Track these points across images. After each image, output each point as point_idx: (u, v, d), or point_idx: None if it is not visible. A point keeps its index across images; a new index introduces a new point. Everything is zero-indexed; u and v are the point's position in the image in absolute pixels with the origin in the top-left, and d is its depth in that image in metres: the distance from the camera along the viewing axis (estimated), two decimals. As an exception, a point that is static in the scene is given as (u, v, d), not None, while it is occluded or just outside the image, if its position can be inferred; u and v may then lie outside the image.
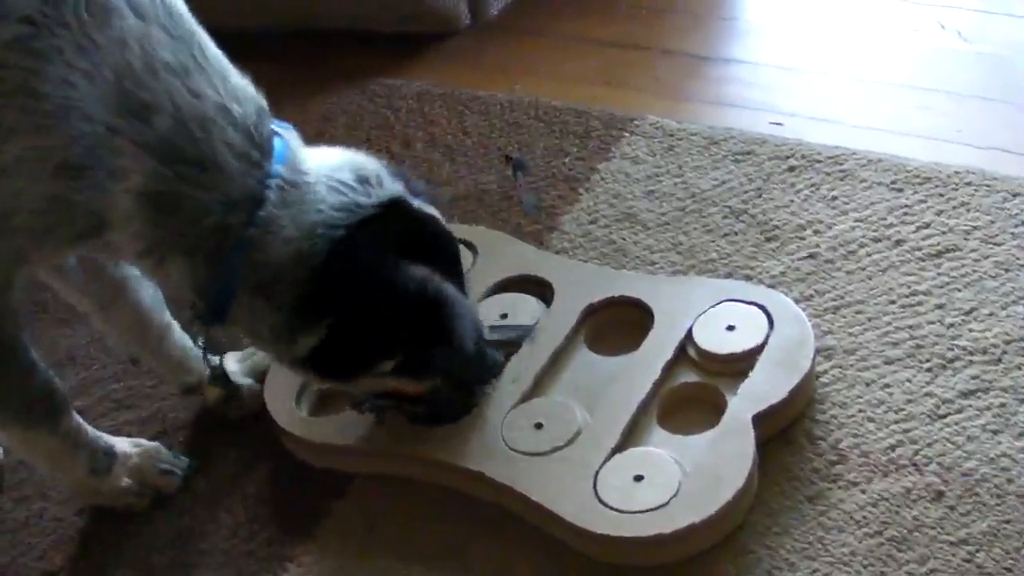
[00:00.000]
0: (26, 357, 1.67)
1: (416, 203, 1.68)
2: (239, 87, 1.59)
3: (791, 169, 2.17)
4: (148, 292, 1.85)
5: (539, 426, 1.75)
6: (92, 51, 1.46)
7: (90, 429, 1.78)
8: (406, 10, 2.64)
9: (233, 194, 1.56)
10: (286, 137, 1.63)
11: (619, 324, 1.89)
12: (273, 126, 1.63)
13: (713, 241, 2.07)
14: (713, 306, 1.84)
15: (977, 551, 1.60)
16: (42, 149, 1.47)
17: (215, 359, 1.90)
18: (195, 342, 1.88)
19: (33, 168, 1.47)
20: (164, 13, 1.52)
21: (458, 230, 2.01)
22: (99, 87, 1.47)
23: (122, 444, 1.82)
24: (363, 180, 1.64)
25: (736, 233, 2.07)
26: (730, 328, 1.81)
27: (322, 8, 2.67)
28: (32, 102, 1.45)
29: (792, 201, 2.11)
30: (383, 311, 1.62)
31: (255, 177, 1.57)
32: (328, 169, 1.63)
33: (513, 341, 1.85)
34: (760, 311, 1.83)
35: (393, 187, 1.66)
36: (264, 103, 1.62)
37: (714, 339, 1.80)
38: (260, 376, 1.92)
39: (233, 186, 1.56)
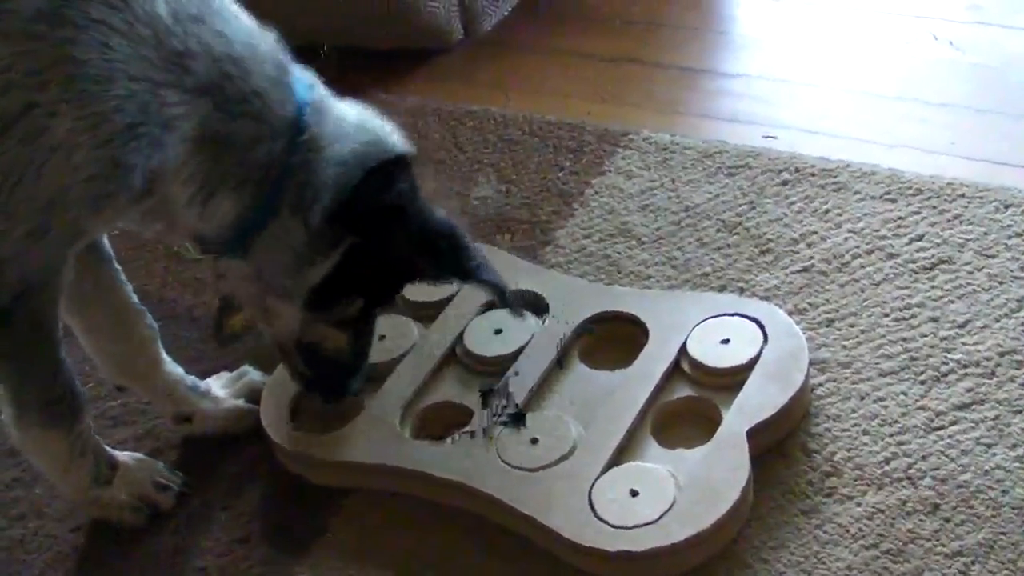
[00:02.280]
0: (57, 352, 1.67)
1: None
2: (252, 26, 1.63)
3: (784, 182, 2.18)
4: (144, 323, 1.85)
5: (534, 441, 1.76)
6: (124, 9, 1.47)
7: (96, 438, 1.79)
8: (399, 26, 2.65)
9: (275, 123, 1.61)
10: (300, 71, 1.68)
11: (613, 339, 1.89)
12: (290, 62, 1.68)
13: (707, 255, 2.07)
14: (707, 320, 1.85)
15: (972, 563, 1.60)
16: (93, 117, 1.47)
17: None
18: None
19: (87, 138, 1.47)
20: None
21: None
22: (137, 45, 1.48)
23: (122, 457, 1.83)
24: (385, 129, 1.72)
25: (730, 247, 2.08)
26: (724, 342, 1.81)
27: (316, 24, 2.67)
28: (75, 69, 1.45)
29: (786, 214, 2.12)
30: (411, 240, 1.68)
31: (291, 105, 1.63)
32: (355, 112, 1.71)
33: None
34: (754, 324, 1.83)
35: (407, 146, 1.73)
36: (276, 37, 1.67)
37: (708, 353, 1.80)
38: (253, 396, 1.92)
39: (273, 116, 1.61)
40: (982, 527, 1.63)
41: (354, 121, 1.70)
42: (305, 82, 1.67)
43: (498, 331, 1.92)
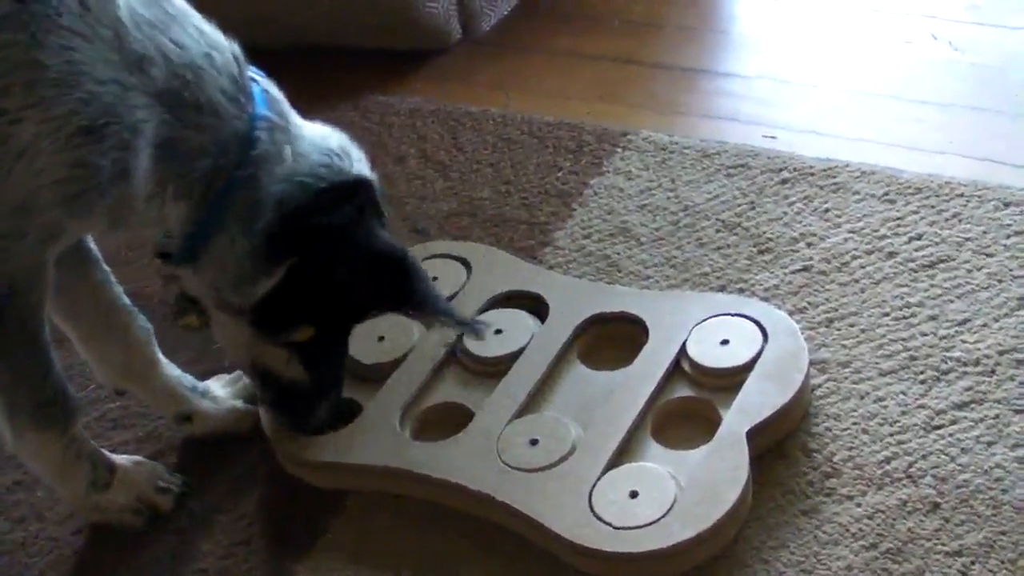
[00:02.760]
0: (46, 354, 1.67)
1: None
2: (214, 35, 1.63)
3: (784, 182, 2.18)
4: (137, 324, 1.85)
5: (534, 442, 1.76)
6: (84, 13, 1.48)
7: (92, 443, 1.78)
8: (398, 27, 2.65)
9: (225, 135, 1.61)
10: (264, 84, 1.69)
11: (613, 339, 1.89)
12: (250, 72, 1.68)
13: (706, 255, 2.07)
14: (707, 320, 1.85)
15: (973, 563, 1.60)
16: (57, 119, 1.47)
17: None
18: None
19: (52, 141, 1.48)
20: None
21: (452, 246, 2.03)
22: (99, 47, 1.49)
23: (121, 460, 1.82)
24: (346, 151, 1.72)
25: (729, 246, 2.08)
26: (724, 342, 1.81)
27: (314, 25, 2.67)
28: (37, 74, 1.45)
29: (785, 214, 2.12)
30: (353, 263, 1.68)
31: (243, 119, 1.63)
32: (315, 132, 1.72)
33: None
34: (754, 325, 1.83)
35: (369, 171, 1.74)
36: (239, 50, 1.66)
37: (708, 353, 1.81)
38: (253, 398, 1.91)
39: (226, 128, 1.61)
40: (982, 526, 1.63)
41: (314, 141, 1.70)
42: (267, 98, 1.67)
43: (498, 332, 1.92)
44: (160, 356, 1.88)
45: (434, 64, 2.68)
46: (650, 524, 1.63)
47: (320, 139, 1.71)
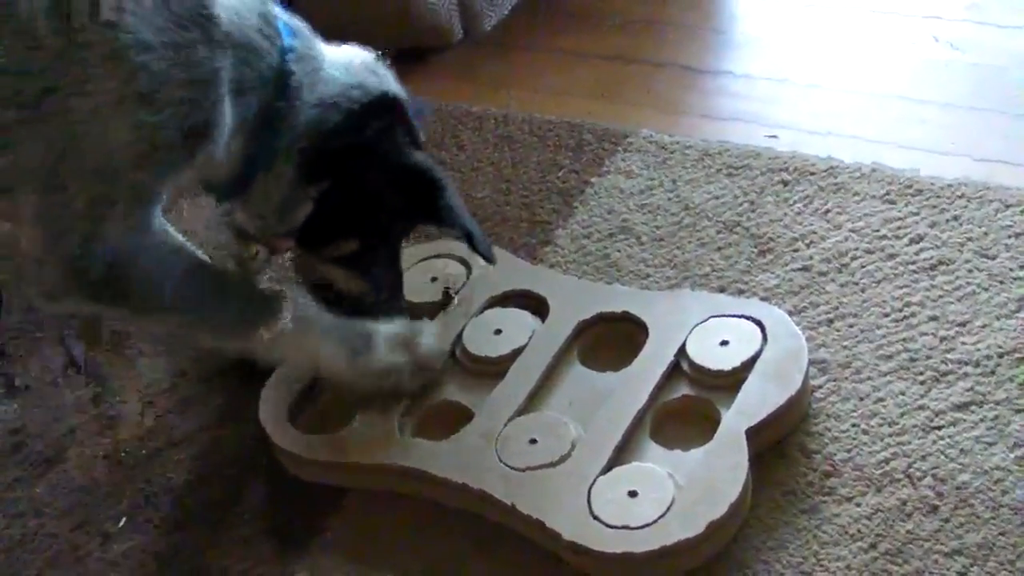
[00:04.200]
0: (205, 278, 1.69)
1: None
2: None
3: (784, 182, 2.18)
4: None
5: (533, 441, 1.76)
6: None
7: (327, 316, 1.79)
8: (399, 25, 2.65)
9: (264, 71, 1.69)
10: (287, 18, 1.75)
11: (613, 339, 1.89)
12: (276, 9, 1.75)
13: (707, 255, 2.07)
14: (707, 320, 1.85)
15: (972, 564, 1.60)
16: (109, 92, 1.54)
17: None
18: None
19: (111, 109, 1.54)
20: None
21: (452, 246, 2.03)
22: (143, 16, 1.54)
23: (372, 325, 1.83)
24: (374, 70, 1.80)
25: (730, 247, 2.08)
26: (724, 342, 1.81)
27: (315, 24, 2.66)
28: (84, 53, 1.52)
29: (785, 214, 2.12)
30: (385, 179, 1.76)
31: (275, 54, 1.70)
32: (342, 54, 1.80)
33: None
34: (754, 325, 1.83)
35: (398, 88, 1.82)
36: None
37: (708, 353, 1.80)
38: None
39: (264, 63, 1.69)
40: (981, 527, 1.63)
41: (341, 64, 1.78)
42: (291, 29, 1.74)
43: (497, 331, 1.92)
44: None
45: (435, 63, 2.68)
46: (649, 524, 1.63)
47: (347, 61, 1.78)
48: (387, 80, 1.82)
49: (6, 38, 1.50)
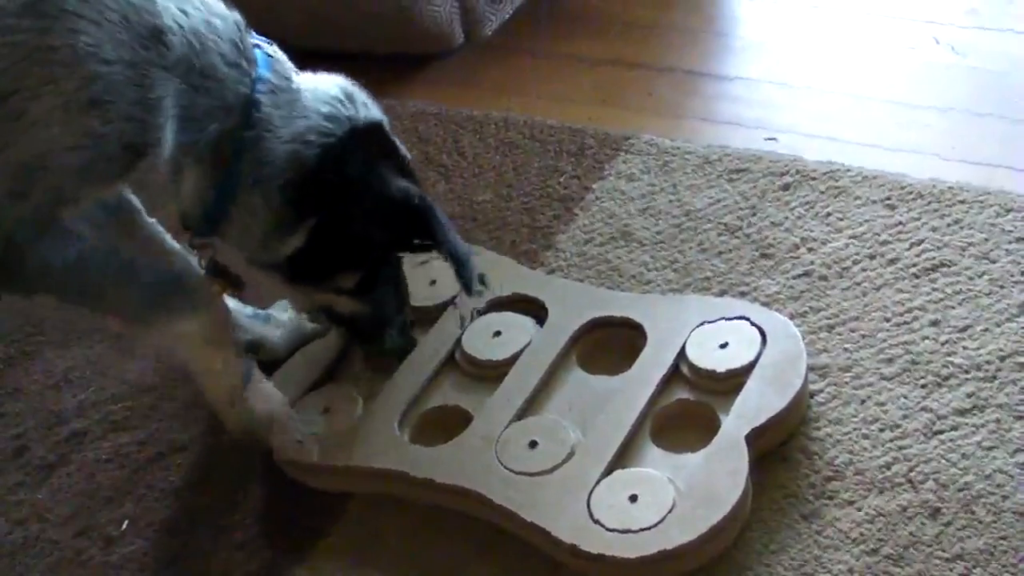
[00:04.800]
0: (112, 259, 1.70)
1: (392, 135, 1.83)
2: (215, 4, 1.70)
3: (785, 187, 2.18)
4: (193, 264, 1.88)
5: (533, 445, 1.76)
6: (93, 0, 1.55)
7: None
8: (400, 30, 2.65)
9: (229, 99, 1.68)
10: (268, 49, 1.75)
11: (612, 343, 1.89)
12: (254, 39, 1.74)
13: (708, 259, 2.07)
14: (706, 324, 1.85)
15: (973, 568, 1.60)
16: (67, 94, 1.55)
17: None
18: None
19: (63, 112, 1.56)
20: None
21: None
22: (108, 29, 1.56)
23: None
24: (350, 98, 1.78)
25: (731, 251, 2.08)
26: (723, 346, 1.81)
27: (316, 30, 2.67)
28: (47, 56, 1.54)
29: (787, 219, 2.12)
30: (370, 213, 1.75)
31: (246, 83, 1.69)
32: (317, 84, 1.78)
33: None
34: (753, 328, 1.83)
35: (376, 112, 1.81)
36: (240, 17, 1.73)
37: (707, 357, 1.81)
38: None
39: (229, 92, 1.68)
40: (983, 532, 1.63)
41: (317, 95, 1.76)
42: (268, 60, 1.73)
43: (496, 334, 1.92)
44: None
45: (436, 68, 2.69)
46: (649, 528, 1.63)
47: (323, 91, 1.77)
48: (364, 107, 1.79)
49: None
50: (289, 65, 1.78)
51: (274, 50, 1.77)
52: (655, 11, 2.76)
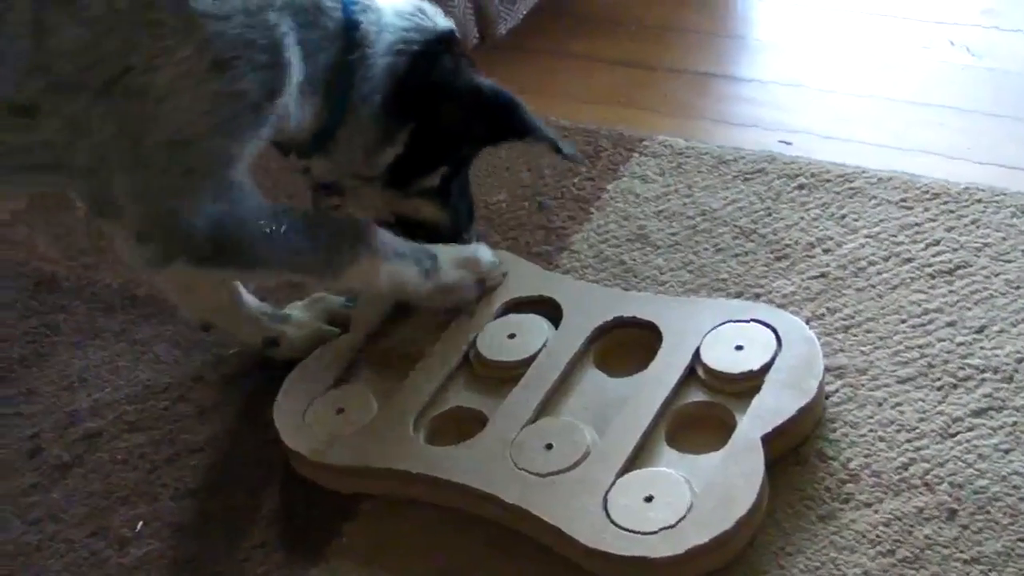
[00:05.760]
0: (289, 227, 1.76)
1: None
2: None
3: (801, 187, 2.17)
4: None
5: (549, 447, 1.75)
6: None
7: (398, 240, 1.87)
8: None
9: (331, 27, 1.76)
10: None
11: (627, 344, 1.89)
12: None
13: (723, 261, 2.07)
14: (721, 325, 1.84)
15: (990, 571, 1.59)
16: (184, 60, 1.61)
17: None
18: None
19: (188, 79, 1.62)
20: None
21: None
22: None
23: (435, 248, 1.92)
24: (423, 12, 1.87)
25: (746, 252, 2.07)
26: (738, 348, 1.81)
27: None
28: (158, 29, 1.60)
29: (802, 219, 2.11)
30: (465, 110, 1.87)
31: (339, 8, 1.77)
32: (391, 1, 1.85)
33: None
34: (768, 330, 1.83)
35: (448, 23, 1.90)
36: None
37: (723, 358, 1.80)
38: (331, 319, 2.01)
39: (330, 20, 1.76)
40: (1000, 534, 1.62)
41: (395, 8, 1.84)
42: None
43: (511, 336, 1.92)
44: (241, 287, 1.97)
45: (451, 68, 2.68)
46: (666, 528, 1.62)
47: (399, 5, 1.85)
48: (437, 17, 1.89)
49: (76, 21, 1.57)
50: None
51: None
52: (669, 12, 2.76)
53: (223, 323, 2.00)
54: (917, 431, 1.75)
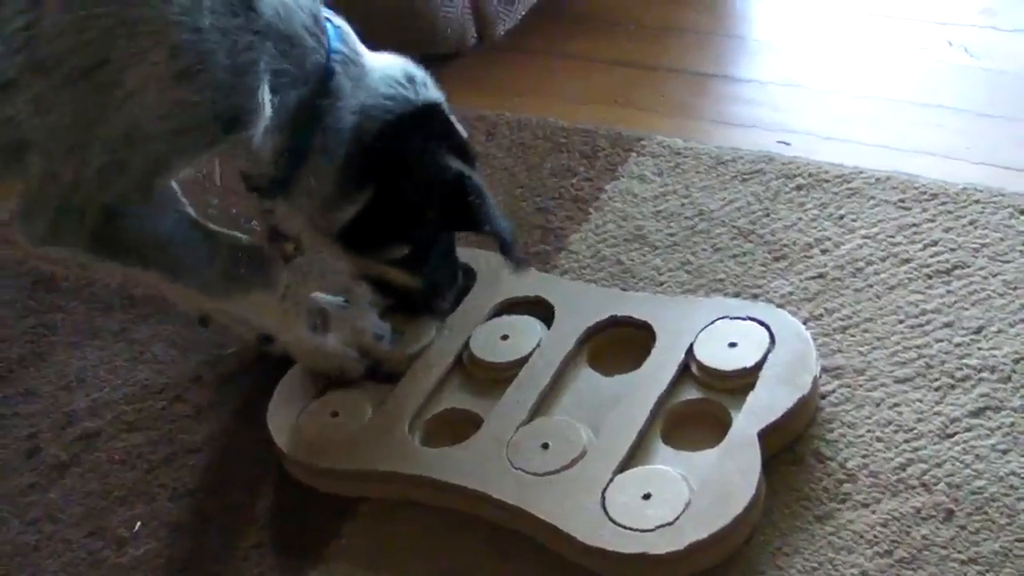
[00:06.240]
0: (195, 239, 1.76)
1: (452, 116, 1.89)
2: None
3: (799, 188, 2.17)
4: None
5: (545, 446, 1.76)
6: None
7: (301, 289, 1.87)
8: (413, 31, 2.65)
9: (309, 67, 1.74)
10: (337, 21, 1.81)
11: (621, 343, 1.89)
12: (324, 11, 1.80)
13: (721, 261, 2.07)
14: (714, 323, 1.84)
15: (987, 571, 1.59)
16: (157, 65, 1.61)
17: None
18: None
19: (156, 81, 1.62)
20: None
21: (460, 252, 2.03)
22: None
23: (329, 307, 1.90)
24: (411, 80, 1.85)
25: (744, 253, 2.07)
26: (732, 345, 1.81)
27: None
28: (134, 28, 1.60)
29: (800, 220, 2.11)
30: (421, 190, 1.82)
31: (322, 53, 1.75)
32: (382, 63, 1.85)
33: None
34: (761, 327, 1.83)
35: (436, 93, 1.87)
36: None
37: (717, 356, 1.81)
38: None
39: (309, 60, 1.74)
40: (998, 535, 1.63)
41: (382, 72, 1.82)
42: (338, 32, 1.79)
43: (504, 337, 1.92)
44: None
45: (449, 68, 2.67)
46: (663, 526, 1.63)
47: (387, 69, 1.83)
48: (424, 88, 1.86)
49: (63, 6, 1.58)
50: (357, 40, 1.83)
51: (343, 22, 1.82)
52: (668, 12, 2.76)
53: (219, 315, 1.98)
54: (915, 431, 1.76)
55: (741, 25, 2.76)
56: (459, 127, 1.91)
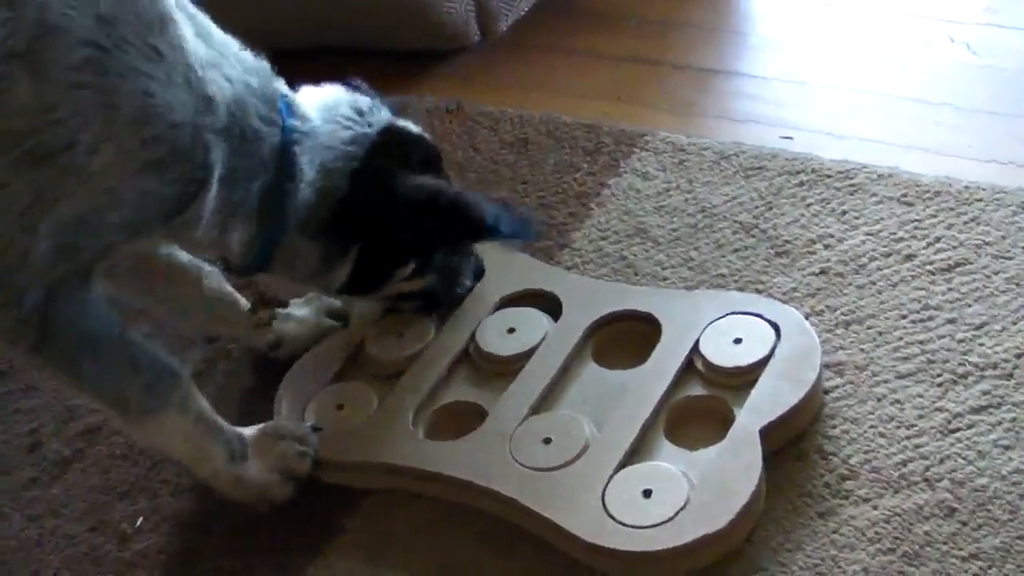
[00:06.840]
0: (121, 345, 1.68)
1: (402, 123, 1.89)
2: (249, 60, 1.73)
3: (801, 184, 2.17)
4: (206, 273, 1.93)
5: (547, 441, 1.76)
6: (159, 60, 1.56)
7: (219, 417, 1.77)
8: (416, 27, 2.65)
9: (266, 155, 1.72)
10: (283, 90, 1.78)
11: (626, 338, 1.89)
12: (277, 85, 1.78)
13: (724, 256, 2.07)
14: (720, 319, 1.84)
15: (989, 567, 1.59)
16: (128, 152, 1.56)
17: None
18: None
19: (121, 169, 1.57)
20: (187, 12, 1.65)
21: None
22: (175, 91, 1.57)
23: (250, 431, 1.82)
24: (359, 112, 1.83)
25: (747, 248, 2.07)
26: (737, 341, 1.81)
27: (332, 26, 2.68)
28: (112, 114, 1.54)
29: (802, 216, 2.11)
30: (404, 225, 1.81)
31: (277, 134, 1.73)
32: (327, 110, 1.82)
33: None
34: (767, 323, 1.83)
35: (384, 114, 1.87)
36: (267, 65, 1.76)
37: (721, 352, 1.80)
38: (331, 314, 2.02)
39: (266, 147, 1.72)
40: (999, 531, 1.62)
41: (331, 117, 1.80)
42: (288, 105, 1.76)
43: (511, 330, 1.92)
44: (237, 294, 1.96)
45: (452, 64, 2.69)
46: (664, 522, 1.63)
47: (334, 110, 1.81)
48: (374, 114, 1.84)
49: (34, 82, 1.49)
50: (300, 101, 1.79)
51: (284, 88, 1.78)
52: (671, 8, 2.76)
53: (226, 331, 2.02)
54: (917, 428, 1.76)
55: (744, 21, 2.76)
56: (414, 129, 1.90)
